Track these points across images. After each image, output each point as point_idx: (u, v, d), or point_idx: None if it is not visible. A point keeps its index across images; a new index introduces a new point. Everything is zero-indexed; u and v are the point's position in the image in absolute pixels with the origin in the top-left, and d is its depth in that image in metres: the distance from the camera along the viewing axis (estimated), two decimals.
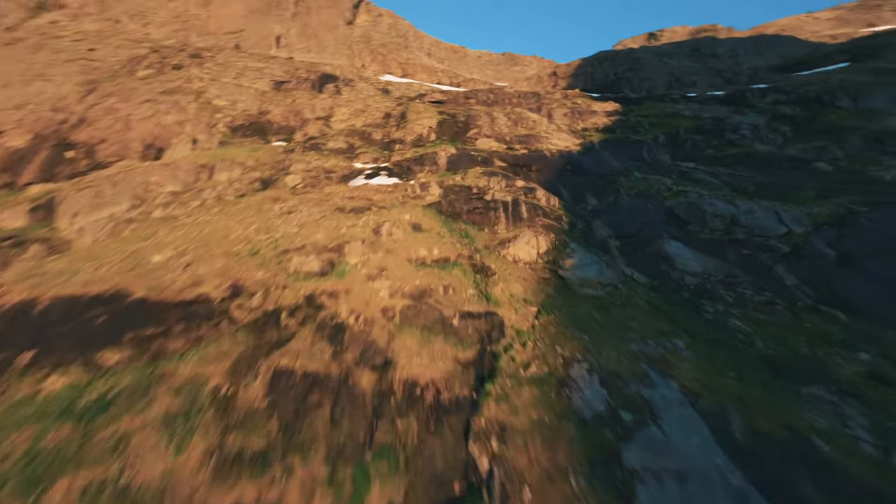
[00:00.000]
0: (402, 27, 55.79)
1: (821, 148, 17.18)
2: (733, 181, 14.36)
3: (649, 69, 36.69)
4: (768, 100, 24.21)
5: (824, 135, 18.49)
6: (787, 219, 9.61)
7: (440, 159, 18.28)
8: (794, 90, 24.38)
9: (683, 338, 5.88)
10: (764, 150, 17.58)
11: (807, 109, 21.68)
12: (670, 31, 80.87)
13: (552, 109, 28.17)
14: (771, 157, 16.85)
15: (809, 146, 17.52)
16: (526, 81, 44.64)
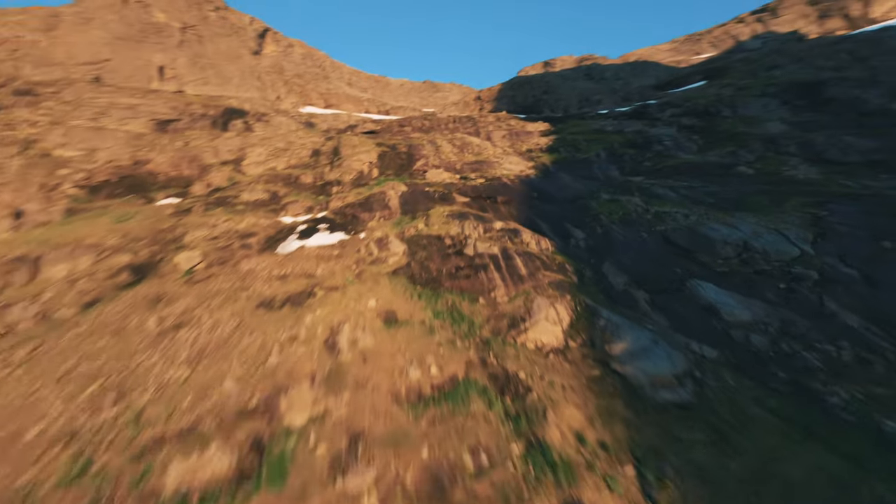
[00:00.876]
0: (318, 57, 51.84)
1: (732, 152, 18.75)
2: (690, 194, 14.23)
3: (561, 91, 39.39)
4: (668, 113, 27.10)
5: (728, 140, 20.49)
6: (793, 237, 8.92)
7: (391, 200, 15.06)
8: (683, 104, 27.77)
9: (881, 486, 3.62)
10: (691, 159, 18.53)
11: (702, 120, 24.52)
12: (561, 60, 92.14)
13: (490, 132, 27.33)
14: (700, 165, 17.72)
15: (723, 151, 19.05)
16: (454, 106, 44.46)
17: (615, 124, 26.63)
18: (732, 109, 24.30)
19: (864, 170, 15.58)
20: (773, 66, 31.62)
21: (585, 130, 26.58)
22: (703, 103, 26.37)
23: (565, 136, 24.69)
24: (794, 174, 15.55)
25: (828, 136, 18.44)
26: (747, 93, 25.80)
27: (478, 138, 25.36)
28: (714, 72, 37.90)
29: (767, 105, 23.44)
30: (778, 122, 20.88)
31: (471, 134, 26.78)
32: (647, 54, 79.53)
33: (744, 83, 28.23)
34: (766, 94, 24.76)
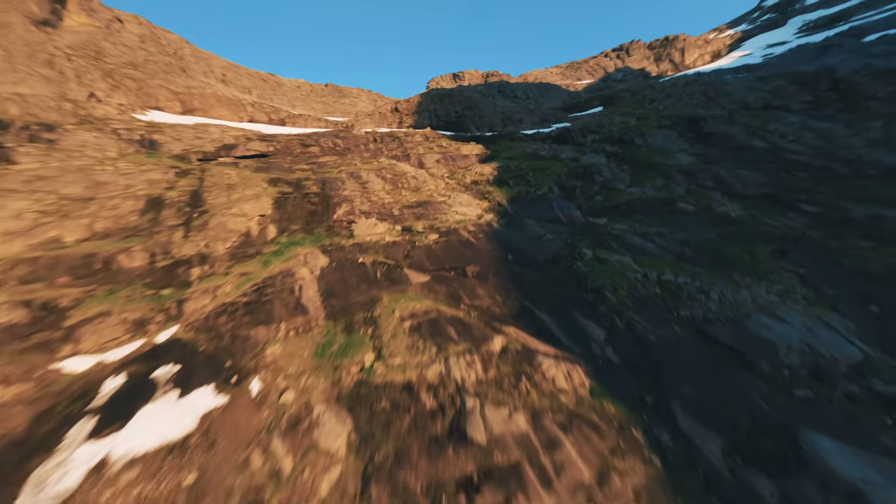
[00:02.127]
0: (169, 42, 38.05)
1: (665, 185, 19.14)
2: (666, 244, 12.92)
3: (483, 108, 37.95)
4: (590, 139, 27.89)
5: (654, 171, 21.20)
6: (841, 329, 7.46)
7: (305, 289, 9.22)
8: (599, 130, 29.10)
9: None
10: (636, 195, 18.08)
11: (621, 147, 25.66)
12: (469, 74, 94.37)
13: (422, 156, 23.02)
14: (646, 201, 17.28)
15: (657, 184, 19.33)
16: (368, 118, 38.44)
17: (547, 149, 25.77)
18: (643, 138, 25.99)
19: (767, 204, 16.92)
20: (653, 99, 36.63)
21: (522, 154, 24.88)
22: (616, 131, 27.78)
23: (507, 162, 22.29)
24: (725, 210, 15.95)
25: (726, 169, 20.28)
26: (648, 123, 28.28)
27: (409, 165, 20.74)
28: (607, 99, 42.28)
29: (668, 136, 25.76)
30: (685, 154, 22.62)
31: (399, 158, 21.96)
32: (542, 76, 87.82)
33: (639, 112, 31.44)
34: (663, 125, 27.45)
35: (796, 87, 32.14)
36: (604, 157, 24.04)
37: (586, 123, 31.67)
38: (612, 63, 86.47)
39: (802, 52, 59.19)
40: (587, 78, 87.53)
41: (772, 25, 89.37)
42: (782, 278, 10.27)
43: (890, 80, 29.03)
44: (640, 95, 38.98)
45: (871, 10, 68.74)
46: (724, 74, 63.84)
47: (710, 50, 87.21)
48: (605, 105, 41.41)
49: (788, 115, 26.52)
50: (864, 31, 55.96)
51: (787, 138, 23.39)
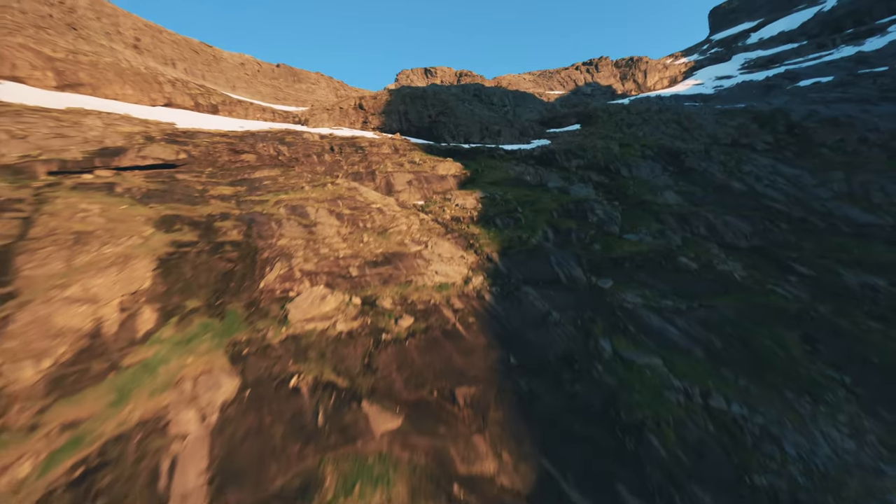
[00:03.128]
0: None
1: (661, 232, 17.41)
2: (690, 327, 10.69)
3: (460, 115, 34.40)
4: (574, 164, 25.87)
5: (643, 210, 19.52)
6: None
7: (180, 473, 5.07)
8: (583, 154, 27.25)
9: None
10: (636, 247, 16.01)
11: (607, 177, 23.92)
12: (441, 70, 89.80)
13: (390, 175, 18.92)
14: (647, 255, 15.24)
15: (652, 230, 17.55)
16: (326, 114, 32.80)
17: (533, 173, 23.13)
18: (628, 169, 24.50)
19: (762, 261, 15.84)
20: (630, 123, 36.06)
21: (506, 179, 21.91)
22: (601, 158, 26.06)
23: (491, 190, 19.11)
24: (727, 269, 14.43)
25: (714, 214, 19.20)
26: (631, 151, 27.00)
27: (375, 189, 16.65)
28: (584, 117, 41.20)
29: (653, 169, 24.54)
30: (672, 193, 21.35)
31: (362, 178, 17.70)
32: (515, 81, 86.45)
33: (619, 136, 30.29)
34: (647, 156, 26.31)
35: (757, 126, 33.24)
36: (592, 188, 21.98)
37: (569, 145, 29.73)
38: (581, 76, 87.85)
39: (748, 89, 64.11)
40: (558, 88, 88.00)
41: (719, 59, 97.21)
42: (835, 396, 8.40)
43: (835, 130, 30.81)
44: (616, 118, 38.30)
45: (800, 56, 76.86)
46: (683, 100, 67.27)
47: (668, 75, 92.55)
48: (583, 123, 40.27)
49: (758, 157, 26.82)
50: (798, 76, 61.83)
51: (762, 182, 23.27)
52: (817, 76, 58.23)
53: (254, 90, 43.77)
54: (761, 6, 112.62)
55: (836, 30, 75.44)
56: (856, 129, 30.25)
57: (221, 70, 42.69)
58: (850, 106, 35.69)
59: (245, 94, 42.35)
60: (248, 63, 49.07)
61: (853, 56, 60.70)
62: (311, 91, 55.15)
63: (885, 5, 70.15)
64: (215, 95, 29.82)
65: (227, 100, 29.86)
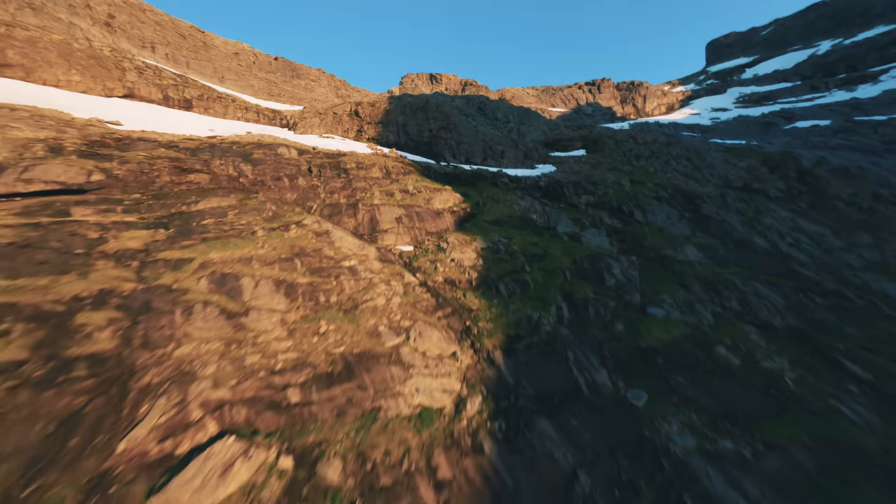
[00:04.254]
0: None
1: (686, 305, 14.25)
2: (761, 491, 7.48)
3: (462, 131, 30.74)
4: (584, 201, 22.63)
5: (665, 270, 16.38)
6: None
7: None
8: (594, 190, 24.04)
9: None
10: (661, 324, 12.80)
11: (621, 221, 20.77)
12: (447, 77, 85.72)
13: (375, 209, 15.18)
14: (680, 345, 12.04)
15: (677, 299, 14.39)
16: (318, 118, 28.62)
17: (540, 212, 19.74)
18: (642, 213, 21.39)
19: (808, 352, 12.87)
20: (639, 155, 33.14)
21: (511, 217, 18.44)
22: (613, 196, 22.89)
23: (494, 234, 15.60)
24: (774, 369, 11.35)
25: (742, 280, 16.22)
26: (644, 190, 23.93)
27: (351, 232, 12.91)
28: (590, 143, 38.13)
29: (669, 214, 21.50)
30: (693, 248, 18.31)
31: (340, 213, 13.93)
32: (519, 95, 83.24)
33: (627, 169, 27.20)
34: (661, 198, 23.28)
35: (767, 170, 30.75)
36: (605, 234, 18.75)
37: (577, 176, 26.49)
38: (584, 96, 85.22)
39: (746, 124, 62.49)
40: (560, 106, 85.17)
41: (715, 90, 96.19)
42: None
43: (847, 182, 28.49)
44: (624, 147, 35.33)
45: (794, 96, 75.98)
46: (681, 129, 65.31)
47: (666, 102, 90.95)
48: (589, 149, 37.21)
49: (775, 207, 24.14)
50: (794, 115, 60.38)
51: (785, 240, 20.52)
52: (814, 118, 56.80)
53: (245, 83, 38.97)
54: (757, 43, 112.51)
55: (829, 73, 74.86)
56: (868, 183, 28.00)
57: (210, 59, 37.73)
58: (856, 155, 33.62)
59: (235, 87, 37.55)
60: (242, 53, 44.07)
61: (848, 101, 59.61)
62: (310, 88, 50.42)
63: (878, 54, 69.75)
64: (193, 88, 25.25)
65: (207, 94, 25.32)
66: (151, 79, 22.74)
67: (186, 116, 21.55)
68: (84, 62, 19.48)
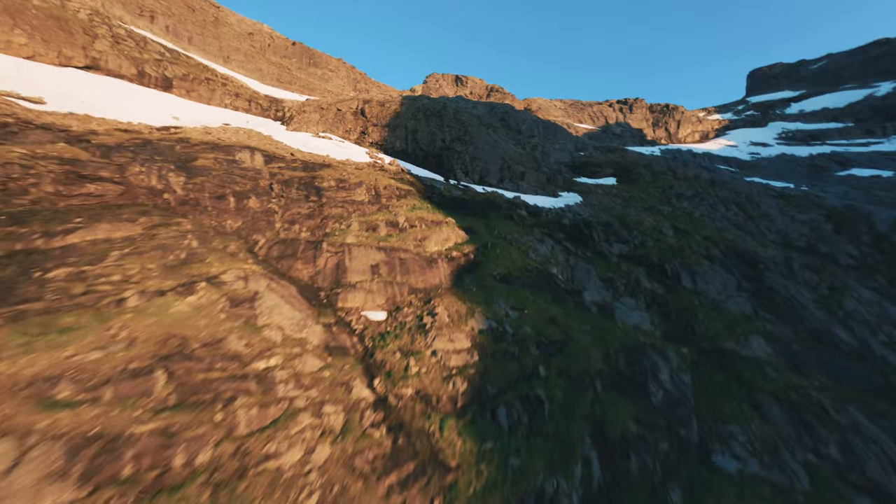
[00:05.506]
0: None
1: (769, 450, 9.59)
2: None
3: (480, 144, 26.21)
4: (616, 250, 17.96)
5: (727, 378, 11.67)
6: None
7: None
8: (628, 237, 19.24)
9: None
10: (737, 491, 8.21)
11: (661, 284, 16.01)
12: (472, 81, 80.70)
13: (345, 251, 10.84)
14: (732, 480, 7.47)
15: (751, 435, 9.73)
16: (318, 113, 24.51)
17: (563, 262, 15.18)
18: (690, 276, 16.55)
19: None
20: (679, 194, 27.90)
21: (525, 270, 13.93)
22: (653, 250, 18.06)
23: (500, 307, 11.17)
24: None
25: (835, 402, 11.39)
26: (691, 244, 18.97)
27: (305, 281, 8.68)
28: (622, 170, 32.99)
29: (725, 282, 16.56)
30: (759, 339, 13.46)
31: (297, 249, 9.73)
32: (545, 106, 77.71)
33: (667, 211, 22.15)
34: (712, 256, 18.30)
35: (832, 228, 25.16)
36: (644, 304, 14.08)
37: (608, 213, 21.72)
38: (614, 114, 78.92)
39: (792, 165, 55.63)
40: (588, 122, 79.15)
41: (754, 123, 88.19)
42: None
43: None
44: (662, 181, 30.11)
45: (844, 138, 68.02)
46: (716, 161, 58.75)
47: (701, 129, 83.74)
48: (620, 178, 32.13)
49: (856, 284, 18.85)
50: (848, 161, 53.20)
51: (877, 336, 15.40)
52: (872, 166, 49.62)
53: (253, 67, 35.16)
54: (805, 77, 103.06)
55: (889, 118, 66.66)
56: None
57: (218, 36, 34.02)
58: None
59: (240, 69, 33.75)
60: (258, 34, 40.24)
61: None
62: (326, 79, 46.39)
63: None
64: (180, 66, 21.37)
65: (195, 74, 21.41)
66: (129, 51, 18.91)
67: (155, 99, 17.56)
68: (37, 22, 15.67)
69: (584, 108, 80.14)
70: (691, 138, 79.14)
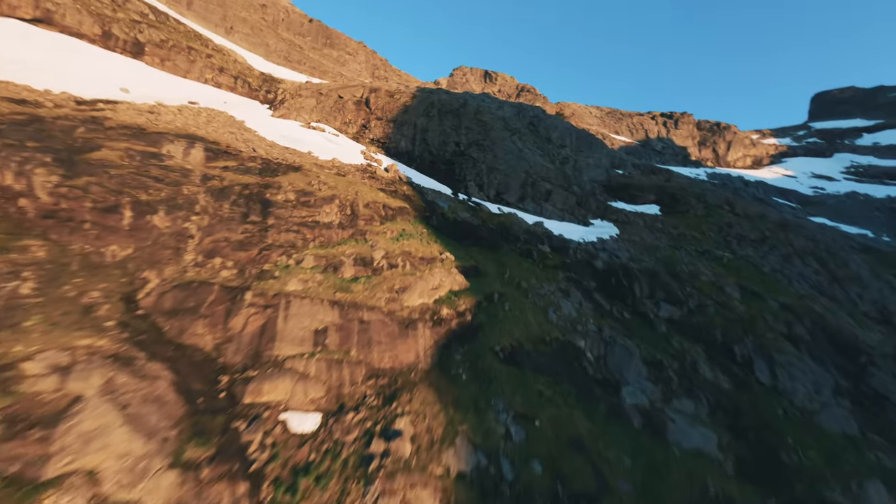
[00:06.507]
0: None
1: None
2: None
3: (501, 151, 22.39)
4: (663, 314, 13.77)
5: None
6: None
7: None
8: (681, 297, 15.05)
9: None
10: None
11: (725, 371, 11.86)
12: (502, 78, 76.27)
13: (283, 302, 7.33)
14: None
15: None
16: (315, 100, 21.28)
17: (594, 335, 11.32)
18: (768, 366, 12.28)
19: None
20: (742, 235, 23.13)
21: (541, 341, 10.18)
22: (716, 319, 13.81)
23: (500, 405, 7.51)
24: None
25: None
26: (765, 312, 14.55)
27: (206, 351, 5.20)
28: (667, 197, 28.32)
29: (818, 384, 12.13)
30: (879, 486, 9.21)
31: (198, 301, 6.76)
32: (580, 112, 72.47)
33: (727, 259, 17.55)
34: (797, 338, 13.84)
35: None
36: (706, 413, 10.08)
37: (651, 257, 17.50)
38: (656, 128, 72.66)
39: (866, 206, 48.66)
40: (625, 134, 73.32)
41: (817, 152, 79.77)
42: None
43: None
44: (718, 216, 25.34)
45: None
46: (772, 192, 52.28)
47: (753, 153, 76.31)
48: (665, 206, 27.53)
49: None
50: None
51: None
52: None
53: (259, 41, 32.45)
54: (882, 106, 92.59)
55: None
56: None
57: (224, 4, 31.46)
58: None
59: (242, 42, 30.99)
60: (272, 7, 37.57)
61: None
62: (343, 62, 43.36)
63: None
64: (162, 30, 18.51)
65: (176, 41, 18.51)
66: (98, 7, 16.11)
67: (113, 66, 14.63)
68: None
69: (622, 119, 74.25)
70: (742, 163, 71.97)
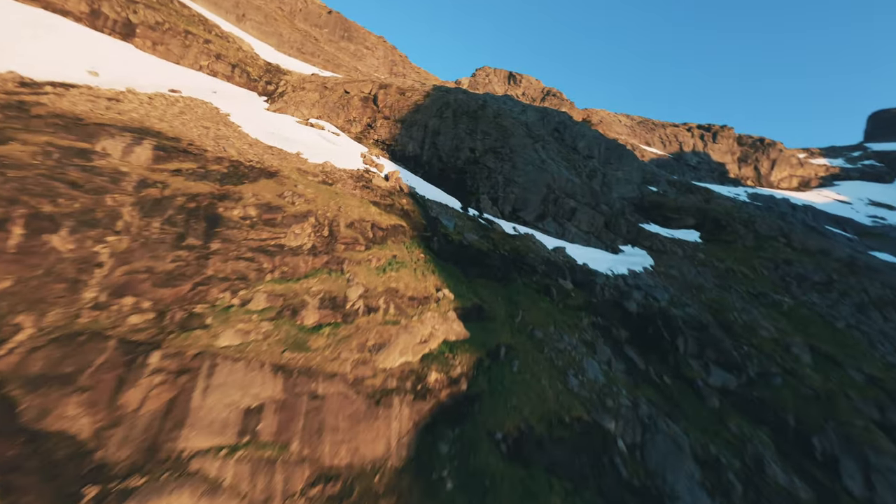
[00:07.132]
0: None
1: None
2: None
3: (521, 161, 19.97)
4: (717, 382, 10.89)
5: None
6: None
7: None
8: (738, 359, 12.19)
9: None
10: None
11: (801, 472, 9.01)
12: (527, 80, 73.51)
13: (206, 367, 5.27)
14: None
15: None
16: (318, 94, 19.53)
17: (628, 414, 8.83)
18: (862, 470, 9.39)
19: None
20: (802, 275, 19.79)
21: (558, 418, 7.88)
22: (788, 399, 10.88)
23: None
24: None
25: None
26: (847, 388, 11.51)
27: None
28: (708, 222, 25.06)
29: None
30: None
31: (80, 368, 4.79)
32: (608, 119, 68.83)
33: (785, 303, 14.30)
34: (892, 427, 10.74)
35: None
36: None
37: (694, 300, 14.65)
38: (691, 140, 67.95)
39: None
40: (657, 146, 68.97)
41: (875, 176, 72.78)
42: None
43: None
44: (769, 246, 21.95)
45: None
46: (823, 220, 47.24)
47: (800, 174, 70.29)
48: (705, 232, 24.31)
49: None
50: None
51: None
52: None
53: (271, 30, 31.31)
54: None
55: None
56: None
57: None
58: None
59: (254, 31, 29.85)
60: None
61: None
62: (360, 56, 41.96)
63: None
64: (161, 12, 17.22)
65: (173, 24, 17.16)
66: None
67: (93, 47, 13.18)
68: None
69: (654, 129, 69.89)
70: (787, 183, 66.22)
